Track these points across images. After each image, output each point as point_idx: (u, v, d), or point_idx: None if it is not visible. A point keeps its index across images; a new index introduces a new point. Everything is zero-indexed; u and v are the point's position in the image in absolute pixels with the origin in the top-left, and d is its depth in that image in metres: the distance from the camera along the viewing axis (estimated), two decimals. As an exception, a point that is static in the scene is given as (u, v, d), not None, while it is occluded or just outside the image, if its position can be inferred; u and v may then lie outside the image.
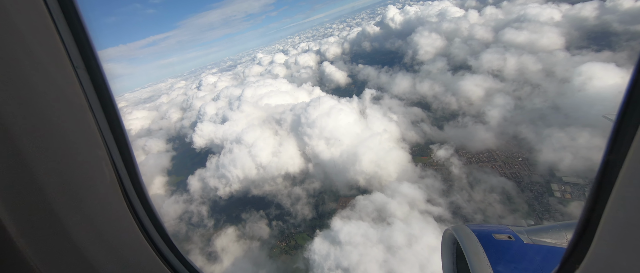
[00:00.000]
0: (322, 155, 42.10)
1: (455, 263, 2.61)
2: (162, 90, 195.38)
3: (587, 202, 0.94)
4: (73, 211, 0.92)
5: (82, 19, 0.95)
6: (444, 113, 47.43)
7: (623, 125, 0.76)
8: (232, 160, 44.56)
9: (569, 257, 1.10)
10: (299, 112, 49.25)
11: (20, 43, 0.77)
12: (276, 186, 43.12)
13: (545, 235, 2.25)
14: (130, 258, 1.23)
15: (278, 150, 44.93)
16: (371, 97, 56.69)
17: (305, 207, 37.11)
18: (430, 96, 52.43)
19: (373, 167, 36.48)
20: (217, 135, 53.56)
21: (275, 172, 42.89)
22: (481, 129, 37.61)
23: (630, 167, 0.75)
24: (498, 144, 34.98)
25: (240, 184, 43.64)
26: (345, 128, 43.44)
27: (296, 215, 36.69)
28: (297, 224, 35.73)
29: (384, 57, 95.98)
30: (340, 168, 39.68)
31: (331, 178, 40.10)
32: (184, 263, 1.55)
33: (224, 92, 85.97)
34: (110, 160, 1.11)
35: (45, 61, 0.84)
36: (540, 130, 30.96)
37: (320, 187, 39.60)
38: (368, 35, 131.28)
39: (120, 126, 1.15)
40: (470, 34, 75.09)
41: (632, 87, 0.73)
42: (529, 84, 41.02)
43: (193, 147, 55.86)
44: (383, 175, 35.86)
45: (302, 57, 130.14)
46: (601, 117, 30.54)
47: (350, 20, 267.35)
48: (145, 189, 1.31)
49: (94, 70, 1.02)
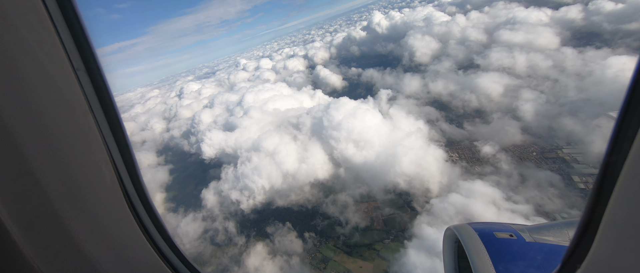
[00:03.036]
0: (353, 158, 40.02)
1: (457, 262, 2.60)
2: (132, 100, 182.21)
3: (589, 201, 0.95)
4: (74, 212, 0.93)
5: (81, 21, 0.96)
6: (463, 111, 47.70)
7: (624, 126, 0.78)
8: (255, 169, 40.91)
9: (570, 256, 1.12)
10: (320, 115, 46.90)
11: (20, 45, 0.77)
12: (305, 195, 40.21)
13: (547, 234, 2.23)
14: (131, 258, 1.23)
15: (304, 156, 42.09)
16: (387, 98, 55.83)
17: (351, 215, 34.67)
18: (445, 95, 52.73)
19: (414, 168, 35.12)
20: (228, 143, 49.34)
21: (304, 180, 39.98)
22: (513, 124, 37.97)
23: (631, 167, 0.76)
24: (533, 139, 35.39)
25: (265, 195, 40.08)
26: (374, 129, 41.84)
27: (342, 224, 34.12)
28: (347, 234, 33.15)
29: (376, 60, 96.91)
30: (376, 172, 37.85)
31: (366, 183, 38.11)
32: (184, 262, 1.54)
33: (218, 98, 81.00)
34: (110, 161, 1.12)
35: (45, 63, 0.84)
36: (581, 122, 31.76)
37: (357, 192, 37.40)
38: (354, 39, 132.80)
39: (121, 127, 1.15)
40: (464, 36, 77.95)
41: (633, 87, 0.74)
42: (548, 79, 42.60)
43: (202, 158, 50.95)
44: (425, 175, 34.62)
45: (291, 62, 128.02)
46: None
47: (327, 27, 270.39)
48: (146, 190, 1.31)
49: (93, 71, 1.03)
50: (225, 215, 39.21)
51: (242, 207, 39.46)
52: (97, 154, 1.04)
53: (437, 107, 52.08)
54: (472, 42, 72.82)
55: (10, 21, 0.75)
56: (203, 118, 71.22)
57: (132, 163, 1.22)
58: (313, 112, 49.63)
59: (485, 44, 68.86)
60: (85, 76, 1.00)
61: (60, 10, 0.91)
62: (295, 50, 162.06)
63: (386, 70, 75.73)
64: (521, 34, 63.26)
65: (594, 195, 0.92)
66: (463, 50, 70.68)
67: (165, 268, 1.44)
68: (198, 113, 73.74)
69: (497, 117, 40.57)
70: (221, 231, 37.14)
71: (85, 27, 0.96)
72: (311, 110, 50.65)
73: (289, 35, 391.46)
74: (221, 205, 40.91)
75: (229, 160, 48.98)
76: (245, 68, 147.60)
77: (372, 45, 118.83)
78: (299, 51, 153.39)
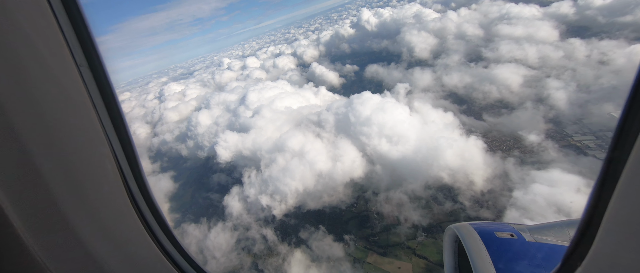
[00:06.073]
0: (388, 155, 38.23)
1: (457, 261, 2.60)
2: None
3: (590, 200, 0.96)
4: (77, 207, 0.94)
5: (85, 18, 0.97)
6: (485, 102, 47.88)
7: (626, 125, 0.78)
8: (285, 171, 37.68)
9: (570, 255, 1.12)
10: (344, 111, 44.60)
11: (23, 42, 0.78)
12: (338, 195, 37.75)
13: (548, 233, 2.24)
14: (133, 253, 1.24)
15: (335, 154, 39.55)
16: (405, 92, 54.83)
17: (397, 213, 32.79)
18: (460, 88, 52.80)
19: (459, 161, 34.09)
20: (245, 145, 45.37)
21: (339, 180, 37.48)
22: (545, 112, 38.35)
23: (633, 166, 0.76)
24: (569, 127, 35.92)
25: (297, 198, 37.06)
26: (407, 123, 40.39)
27: (396, 223, 32.12)
28: (402, 234, 31.17)
29: (370, 57, 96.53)
30: (415, 167, 36.36)
31: (405, 179, 36.49)
32: (186, 258, 1.54)
33: (214, 99, 75.54)
34: (113, 157, 1.13)
35: (48, 59, 0.85)
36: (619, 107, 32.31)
37: (397, 189, 35.63)
38: (343, 37, 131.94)
39: (123, 123, 1.17)
40: (461, 31, 79.63)
41: (636, 87, 0.75)
42: (567, 69, 43.90)
43: (217, 162, 46.34)
44: (470, 167, 33.72)
45: (280, 60, 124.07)
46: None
47: (307, 26, 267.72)
48: (148, 185, 1.32)
49: (97, 68, 1.04)
50: (257, 222, 35.59)
51: (274, 213, 36.10)
52: (100, 150, 1.05)
53: (454, 99, 52.04)
54: (471, 36, 74.45)
55: (13, 18, 0.75)
56: (201, 120, 65.71)
57: (134, 159, 1.22)
58: (334, 108, 47.20)
59: (485, 38, 70.61)
60: (88, 72, 1.01)
61: (63, 6, 0.92)
62: (281, 48, 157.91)
63: (390, 66, 75.02)
64: (520, 28, 65.53)
65: (596, 194, 0.91)
66: (463, 44, 71.94)
67: (165, 262, 1.42)
68: (194, 115, 67.95)
69: (526, 107, 40.89)
70: (258, 240, 33.54)
71: (88, 23, 0.97)
72: (331, 106, 48.17)
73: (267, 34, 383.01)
74: (248, 212, 37.19)
75: (245, 162, 45.09)
76: (231, 67, 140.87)
77: (362, 42, 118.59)
78: (285, 49, 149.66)
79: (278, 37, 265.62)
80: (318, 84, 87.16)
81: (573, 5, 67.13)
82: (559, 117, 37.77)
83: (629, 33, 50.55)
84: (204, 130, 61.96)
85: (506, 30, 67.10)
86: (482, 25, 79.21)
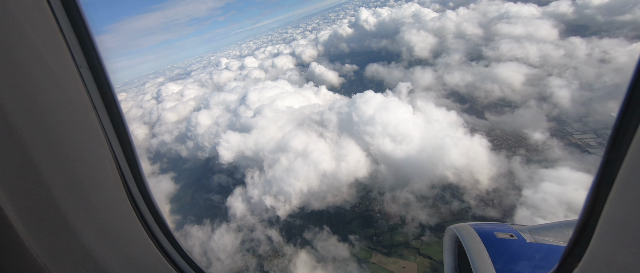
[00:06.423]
0: (393, 154, 38.02)
1: (457, 262, 2.59)
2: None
3: (587, 200, 0.96)
4: (77, 208, 0.94)
5: (85, 19, 0.98)
6: (486, 101, 47.87)
7: (623, 125, 0.78)
8: (289, 171, 37.31)
9: (568, 255, 1.13)
10: (347, 110, 44.31)
11: (24, 43, 0.78)
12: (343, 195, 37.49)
13: (548, 234, 2.24)
14: (133, 254, 1.24)
15: (339, 154, 39.26)
16: (407, 91, 54.68)
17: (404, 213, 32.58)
18: (462, 87, 52.77)
19: (463, 160, 33.96)
20: (247, 145, 44.91)
21: (343, 179, 37.21)
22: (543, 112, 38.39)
23: (629, 166, 0.77)
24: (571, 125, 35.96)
25: (302, 198, 36.71)
26: (411, 122, 40.21)
27: (402, 223, 31.90)
28: (411, 234, 30.96)
29: (369, 56, 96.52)
30: (420, 166, 36.19)
31: (410, 178, 36.31)
32: (185, 259, 1.55)
33: (213, 99, 74.90)
34: (113, 158, 1.13)
35: (48, 61, 0.85)
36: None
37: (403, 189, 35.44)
38: (341, 36, 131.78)
39: (123, 125, 1.17)
40: (460, 31, 79.75)
41: (632, 87, 0.75)
42: (569, 67, 44.02)
43: (219, 163, 45.85)
44: (475, 166, 33.61)
45: (279, 60, 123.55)
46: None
47: (304, 26, 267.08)
48: (148, 187, 1.32)
49: (97, 69, 1.05)
50: (261, 223, 35.20)
51: (278, 213, 35.73)
52: (100, 150, 1.05)
53: (456, 98, 51.99)
54: (471, 35, 74.58)
55: (14, 19, 0.75)
56: (200, 120, 65.07)
57: (134, 160, 1.22)
58: (336, 107, 46.91)
59: (485, 36, 70.73)
60: (88, 73, 1.02)
61: (64, 8, 0.92)
62: (279, 48, 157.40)
63: (391, 65, 74.91)
64: (520, 27, 65.73)
65: (593, 194, 0.92)
66: (463, 43, 72.02)
67: (165, 262, 1.42)
68: (194, 115, 67.29)
69: (529, 105, 40.89)
70: (262, 241, 33.15)
71: (88, 25, 0.98)
72: (333, 105, 47.88)
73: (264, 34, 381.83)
74: (252, 213, 36.78)
75: (247, 163, 44.65)
76: (229, 67, 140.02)
77: (361, 41, 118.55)
78: (283, 49, 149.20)
79: (275, 37, 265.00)
80: (318, 83, 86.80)
81: (572, 4, 67.51)
82: (561, 115, 37.82)
83: (629, 31, 50.88)
84: (203, 131, 61.37)
85: (506, 29, 67.29)
86: (481, 24, 79.44)
